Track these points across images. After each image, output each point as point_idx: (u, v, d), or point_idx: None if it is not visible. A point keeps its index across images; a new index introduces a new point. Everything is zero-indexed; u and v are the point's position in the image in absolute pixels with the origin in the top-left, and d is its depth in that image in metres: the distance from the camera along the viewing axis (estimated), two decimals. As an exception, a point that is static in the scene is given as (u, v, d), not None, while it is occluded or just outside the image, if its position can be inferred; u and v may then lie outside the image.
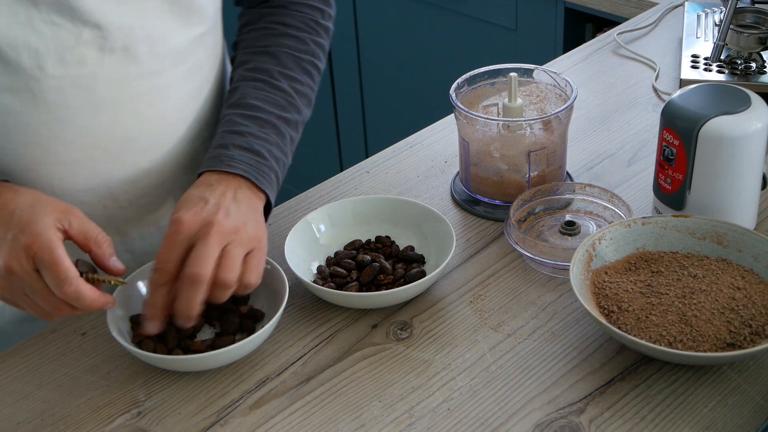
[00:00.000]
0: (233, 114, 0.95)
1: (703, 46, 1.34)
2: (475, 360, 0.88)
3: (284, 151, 0.96)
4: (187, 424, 0.83)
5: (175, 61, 0.94)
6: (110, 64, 0.89)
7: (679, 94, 0.96)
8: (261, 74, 0.98)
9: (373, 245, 1.00)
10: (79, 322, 0.95)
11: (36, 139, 0.90)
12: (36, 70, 0.86)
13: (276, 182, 0.94)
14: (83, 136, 0.91)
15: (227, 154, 0.91)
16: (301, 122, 1.00)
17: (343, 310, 0.95)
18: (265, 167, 0.92)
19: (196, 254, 0.83)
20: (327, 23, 1.06)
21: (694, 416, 0.81)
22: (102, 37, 0.87)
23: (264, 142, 0.93)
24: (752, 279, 0.89)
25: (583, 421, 0.81)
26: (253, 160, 0.92)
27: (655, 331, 0.84)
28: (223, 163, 0.90)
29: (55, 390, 0.87)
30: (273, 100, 0.97)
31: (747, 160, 0.93)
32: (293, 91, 0.99)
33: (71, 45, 0.86)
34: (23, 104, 0.87)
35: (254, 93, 0.97)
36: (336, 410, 0.83)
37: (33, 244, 0.80)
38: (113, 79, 0.90)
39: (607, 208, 1.02)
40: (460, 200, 1.10)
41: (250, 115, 0.95)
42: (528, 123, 1.03)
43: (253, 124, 0.94)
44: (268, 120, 0.95)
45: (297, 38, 1.01)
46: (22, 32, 0.84)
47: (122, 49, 0.89)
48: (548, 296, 0.95)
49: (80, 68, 0.87)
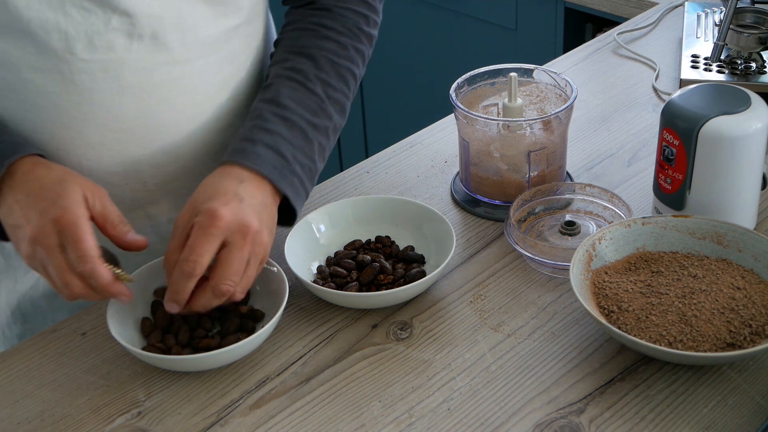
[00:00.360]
0: (264, 110, 0.95)
1: (703, 46, 1.34)
2: (475, 360, 0.88)
3: (311, 157, 0.95)
4: (187, 424, 0.83)
5: (206, 51, 0.95)
6: (138, 51, 0.90)
7: (679, 94, 0.96)
8: (297, 74, 0.98)
9: (373, 245, 1.00)
10: (79, 322, 0.95)
11: (66, 120, 0.91)
12: (66, 52, 0.87)
13: (302, 188, 0.94)
14: (111, 120, 0.92)
15: (254, 151, 0.91)
16: (332, 129, 0.99)
17: (343, 310, 0.95)
18: (287, 171, 0.92)
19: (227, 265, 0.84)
20: (371, 30, 1.05)
21: (694, 416, 0.81)
22: (131, 24, 0.88)
23: (290, 146, 0.93)
24: (752, 279, 0.89)
25: (583, 421, 0.81)
26: (278, 162, 0.92)
27: (655, 331, 0.84)
28: (248, 159, 0.90)
29: (55, 390, 0.87)
30: (305, 104, 0.96)
31: (747, 160, 0.93)
32: (326, 96, 0.98)
33: (100, 30, 0.87)
34: (54, 85, 0.89)
35: (288, 92, 0.96)
36: (336, 410, 0.83)
37: (61, 218, 0.81)
38: (141, 66, 0.91)
39: (607, 208, 1.02)
40: (460, 200, 1.10)
41: (280, 115, 0.95)
42: (528, 123, 1.03)
43: (283, 125, 0.94)
44: (297, 123, 0.95)
45: (338, 42, 1.01)
46: (54, 15, 0.85)
47: (150, 36, 0.90)
48: (548, 296, 0.95)
49: (109, 53, 0.89)
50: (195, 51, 0.93)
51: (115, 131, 0.93)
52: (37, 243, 0.81)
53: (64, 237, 0.81)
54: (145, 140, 0.95)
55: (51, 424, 0.84)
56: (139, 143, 0.95)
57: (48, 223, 0.81)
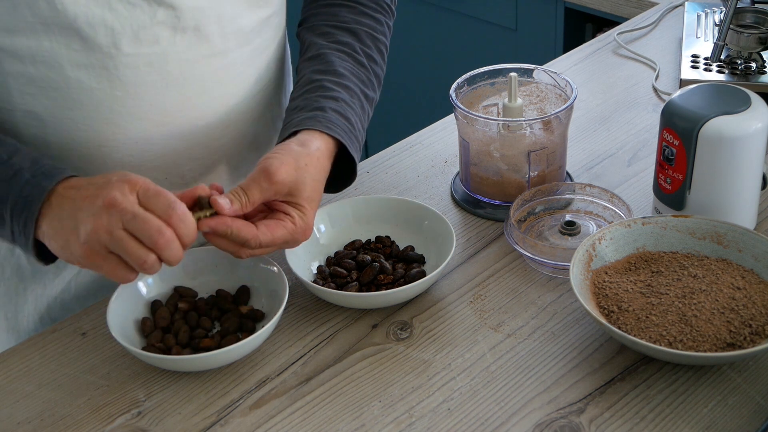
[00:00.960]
0: (324, 80, 0.97)
1: (703, 46, 1.34)
2: (475, 360, 0.88)
3: (364, 125, 0.98)
4: (187, 424, 0.83)
5: (242, 42, 0.96)
6: (181, 44, 0.91)
7: (679, 94, 0.96)
8: (345, 47, 1.00)
9: (373, 245, 1.00)
10: (79, 322, 0.95)
11: (109, 115, 0.91)
12: (111, 47, 0.88)
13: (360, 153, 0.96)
14: (154, 114, 0.93)
15: (326, 117, 0.93)
16: (374, 101, 1.02)
17: (343, 310, 0.95)
18: (353, 136, 0.94)
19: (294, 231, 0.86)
20: (393, 6, 1.09)
21: (694, 416, 0.81)
22: (175, 17, 0.89)
23: (353, 112, 0.95)
24: (752, 279, 0.89)
25: (583, 421, 0.81)
26: (346, 126, 0.93)
27: (655, 331, 0.84)
28: (322, 125, 0.92)
29: (55, 390, 0.87)
30: (357, 75, 0.99)
31: (747, 160, 0.93)
32: (371, 69, 1.01)
33: (146, 24, 0.88)
34: (98, 81, 0.89)
35: (341, 63, 0.98)
36: (336, 410, 0.83)
37: (138, 180, 0.80)
38: (184, 58, 0.92)
39: (607, 208, 1.02)
40: (460, 200, 1.10)
41: (340, 83, 0.96)
42: (528, 123, 1.03)
43: (345, 92, 0.96)
44: (355, 92, 0.97)
45: (375, 18, 1.04)
46: (100, 10, 0.86)
47: (193, 29, 0.91)
48: (548, 296, 0.95)
49: (153, 47, 0.90)
50: (232, 42, 0.95)
51: (158, 125, 0.94)
52: (114, 204, 0.78)
53: (144, 194, 0.79)
54: (186, 133, 0.96)
55: (51, 424, 0.84)
56: (180, 136, 0.96)
57: (125, 184, 0.79)
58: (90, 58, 0.88)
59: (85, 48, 0.87)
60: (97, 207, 0.79)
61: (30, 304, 1.03)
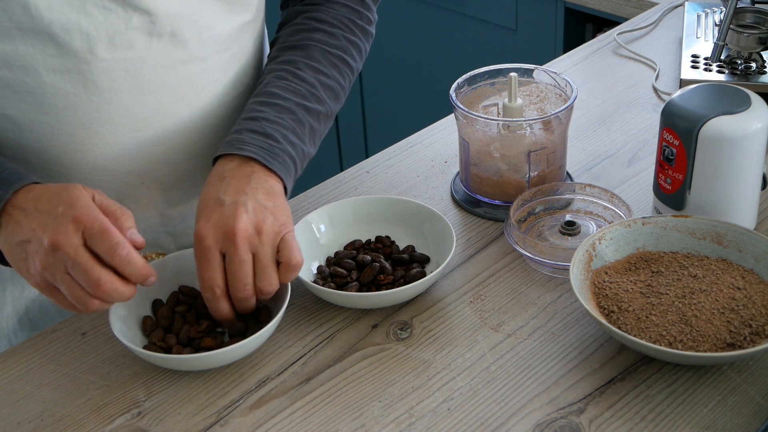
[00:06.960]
0: (253, 102, 0.96)
1: (703, 46, 1.34)
2: (475, 360, 0.88)
3: (301, 138, 0.96)
4: (187, 424, 0.83)
5: (219, 48, 0.96)
6: (157, 49, 0.91)
7: (679, 94, 0.96)
8: (286, 65, 0.99)
9: (373, 245, 1.00)
10: (79, 322, 0.95)
11: (85, 120, 0.91)
12: (87, 52, 0.88)
13: (293, 167, 0.94)
14: (130, 119, 0.93)
15: (239, 138, 0.91)
16: (323, 114, 0.99)
17: (343, 310, 0.95)
18: (278, 149, 0.92)
19: (233, 275, 0.85)
20: (364, 25, 1.06)
21: (694, 416, 0.81)
22: (150, 22, 0.89)
23: (278, 126, 0.93)
24: (752, 279, 0.89)
25: (583, 421, 0.81)
26: (264, 143, 0.92)
27: (655, 331, 0.84)
28: (233, 147, 0.91)
29: (55, 390, 0.87)
30: (294, 89, 0.97)
31: (747, 160, 0.93)
32: (317, 82, 0.99)
33: (121, 29, 0.88)
34: (73, 86, 0.89)
35: (276, 82, 0.97)
36: (336, 410, 0.83)
37: (82, 216, 0.80)
38: (159, 64, 0.91)
39: (607, 208, 1.02)
40: (460, 200, 1.10)
41: (268, 102, 0.95)
42: (528, 123, 1.03)
43: (270, 110, 0.95)
44: (285, 106, 0.96)
45: (329, 33, 1.02)
46: (75, 16, 0.86)
47: (170, 34, 0.91)
48: (548, 296, 0.95)
49: (129, 52, 0.89)
50: (210, 48, 0.95)
51: (134, 130, 0.94)
52: (58, 248, 0.79)
53: (89, 233, 0.80)
54: (162, 139, 0.96)
55: (51, 424, 0.84)
56: (156, 142, 0.96)
57: (69, 224, 0.80)
58: (65, 63, 0.87)
59: (61, 53, 0.87)
60: (44, 246, 0.80)
61: (8, 306, 1.03)
